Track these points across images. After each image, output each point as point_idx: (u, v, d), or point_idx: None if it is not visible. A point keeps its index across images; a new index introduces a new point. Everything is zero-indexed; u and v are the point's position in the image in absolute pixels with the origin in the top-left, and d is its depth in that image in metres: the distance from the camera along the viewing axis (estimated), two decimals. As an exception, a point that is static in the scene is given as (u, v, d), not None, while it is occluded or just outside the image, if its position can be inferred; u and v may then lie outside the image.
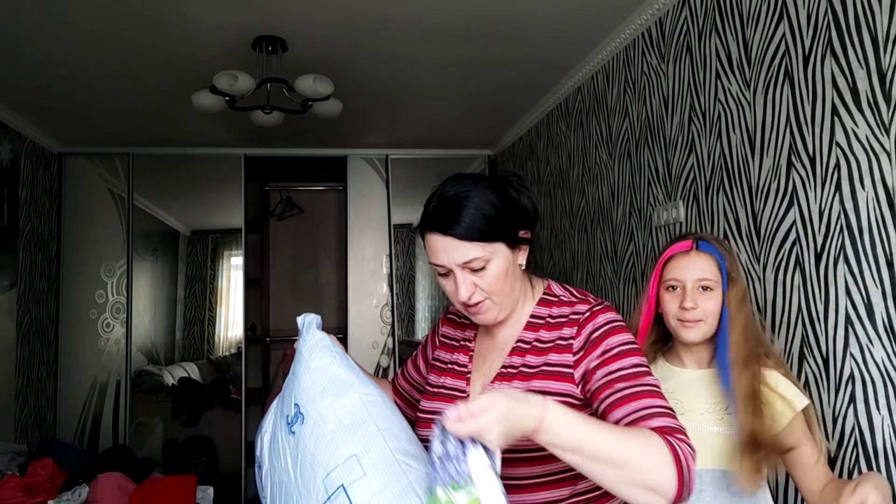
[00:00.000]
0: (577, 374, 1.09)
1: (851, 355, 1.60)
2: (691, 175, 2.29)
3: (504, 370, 1.15)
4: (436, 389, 1.25)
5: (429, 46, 2.81)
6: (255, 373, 4.82)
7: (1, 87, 3.12)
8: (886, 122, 1.50)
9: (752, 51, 1.95)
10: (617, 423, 1.01)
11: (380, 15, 2.50)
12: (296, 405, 1.07)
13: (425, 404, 1.25)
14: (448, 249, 1.10)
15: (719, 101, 2.12)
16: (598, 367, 1.08)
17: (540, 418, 0.89)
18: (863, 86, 1.56)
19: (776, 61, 1.85)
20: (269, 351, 5.00)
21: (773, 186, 1.87)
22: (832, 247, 1.65)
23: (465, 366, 1.24)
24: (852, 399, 1.60)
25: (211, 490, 2.93)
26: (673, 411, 1.03)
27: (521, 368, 1.13)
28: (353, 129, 4.03)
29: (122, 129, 3.89)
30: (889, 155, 1.49)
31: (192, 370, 4.56)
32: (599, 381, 1.06)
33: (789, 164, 1.80)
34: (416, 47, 2.82)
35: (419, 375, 1.39)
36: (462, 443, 0.87)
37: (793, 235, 1.79)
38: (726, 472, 1.35)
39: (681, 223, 2.35)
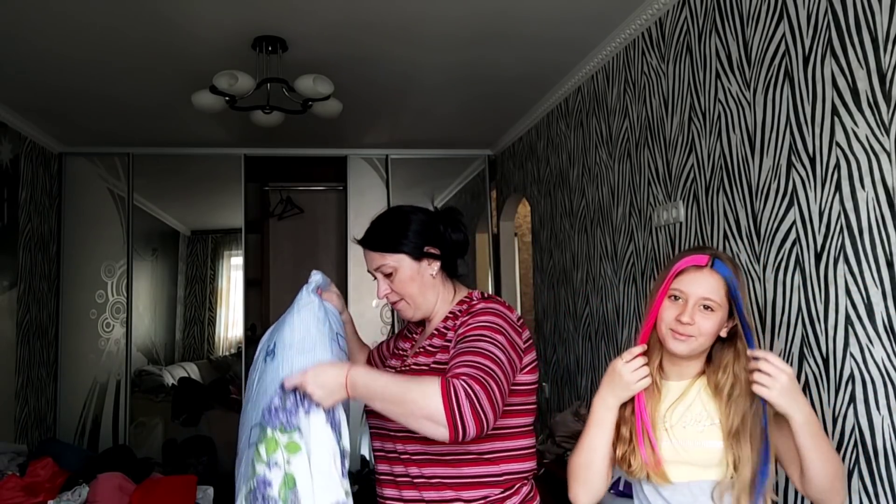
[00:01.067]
0: (454, 339, 1.34)
1: (851, 355, 1.60)
2: (691, 175, 2.29)
3: (421, 348, 1.42)
4: (385, 369, 1.53)
5: (429, 46, 2.81)
6: (255, 373, 4.81)
7: (1, 88, 3.13)
8: (886, 122, 1.50)
9: (752, 51, 1.95)
10: (449, 364, 1.26)
11: (380, 15, 2.50)
12: (274, 343, 1.36)
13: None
14: (368, 259, 1.45)
15: (719, 101, 2.12)
16: (461, 330, 1.33)
17: (344, 376, 1.19)
18: (863, 86, 1.56)
19: (776, 61, 1.85)
20: (269, 351, 4.99)
21: (773, 186, 1.87)
22: (832, 247, 1.65)
23: (406, 351, 1.51)
24: (852, 399, 1.60)
25: (211, 490, 2.93)
26: (483, 367, 1.21)
27: (427, 347, 1.40)
28: (353, 129, 4.03)
29: (122, 129, 3.89)
30: (889, 155, 1.49)
31: (192, 370, 4.56)
32: (454, 347, 1.31)
33: (789, 164, 1.80)
34: (416, 48, 2.82)
35: (387, 350, 1.65)
36: (304, 401, 1.19)
37: (793, 235, 1.79)
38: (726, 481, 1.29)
39: (681, 223, 2.35)
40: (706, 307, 1.29)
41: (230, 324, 4.67)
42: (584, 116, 3.17)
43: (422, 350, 1.41)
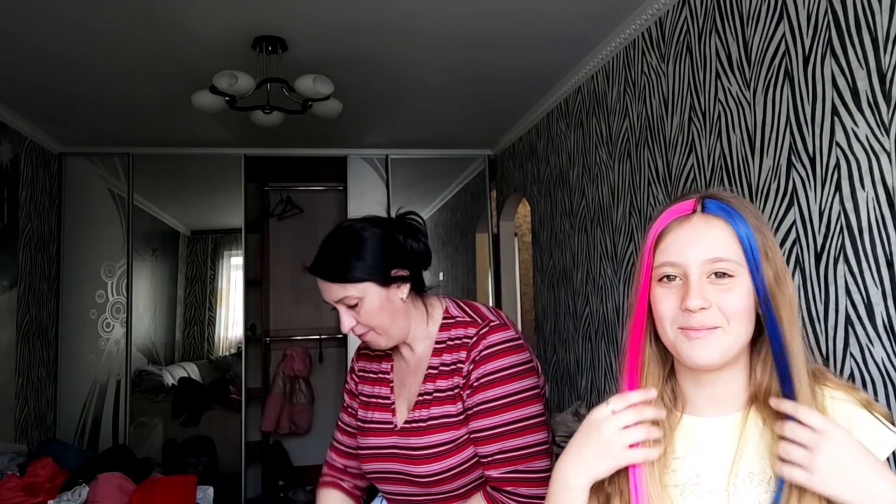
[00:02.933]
0: (465, 394, 1.23)
1: (851, 355, 1.60)
2: (691, 175, 2.29)
3: (421, 397, 1.27)
4: (367, 424, 1.35)
5: (429, 47, 2.81)
6: (255, 373, 4.82)
7: (1, 87, 3.12)
8: (886, 122, 1.50)
9: (752, 51, 1.95)
10: (481, 457, 1.21)
11: (380, 15, 2.50)
12: None
13: (362, 440, 1.35)
14: (325, 290, 1.26)
15: (719, 101, 2.12)
16: (472, 392, 1.21)
17: None
18: (863, 86, 1.56)
19: (776, 61, 1.85)
20: (269, 351, 5.00)
21: (773, 186, 1.87)
22: (832, 247, 1.65)
23: (388, 397, 1.34)
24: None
25: (211, 490, 2.93)
26: (523, 453, 1.15)
27: (435, 394, 1.25)
28: (352, 129, 4.03)
29: (122, 129, 3.89)
30: (889, 155, 1.49)
31: (192, 370, 4.56)
32: (472, 409, 1.21)
33: (789, 164, 1.80)
34: (416, 48, 2.82)
35: (355, 420, 1.42)
36: None
37: (793, 235, 1.79)
38: None
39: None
40: (719, 274, 0.83)
41: (230, 324, 4.67)
42: (584, 116, 3.17)
43: (422, 401, 1.26)
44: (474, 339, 1.24)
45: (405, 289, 1.27)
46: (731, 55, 2.05)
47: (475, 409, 1.20)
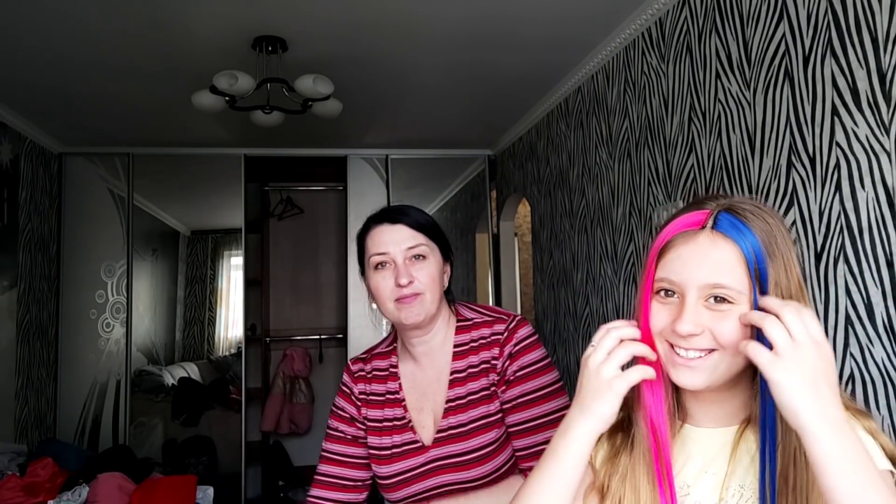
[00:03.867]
0: (501, 389, 1.22)
1: (851, 355, 1.60)
2: (691, 175, 2.29)
3: (451, 403, 1.25)
4: (390, 450, 1.28)
5: (429, 46, 2.81)
6: (255, 373, 4.82)
7: (1, 87, 3.12)
8: (886, 122, 1.50)
9: (752, 51, 1.95)
10: (518, 451, 1.22)
11: (380, 15, 2.50)
12: None
13: (387, 468, 1.28)
14: (395, 237, 1.23)
15: (719, 101, 2.12)
16: (509, 386, 1.21)
17: None
18: (863, 86, 1.56)
19: (776, 61, 1.85)
20: (269, 351, 5.00)
21: (773, 186, 1.87)
22: (832, 247, 1.65)
23: (404, 417, 1.29)
24: (852, 399, 1.60)
25: (211, 490, 2.93)
26: None
27: (469, 397, 1.24)
28: (352, 129, 4.03)
29: (122, 129, 3.89)
30: (889, 155, 1.49)
31: (192, 370, 4.56)
32: (511, 402, 1.21)
33: (789, 164, 1.80)
34: (416, 48, 2.82)
35: (356, 447, 1.36)
36: None
37: (792, 235, 1.79)
38: None
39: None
40: (718, 299, 0.78)
41: (230, 324, 4.67)
42: (584, 116, 3.17)
43: (453, 407, 1.24)
44: (505, 334, 1.24)
45: (447, 276, 1.31)
46: (731, 55, 2.05)
47: (513, 403, 1.21)
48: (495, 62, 3.00)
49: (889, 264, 1.50)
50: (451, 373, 1.26)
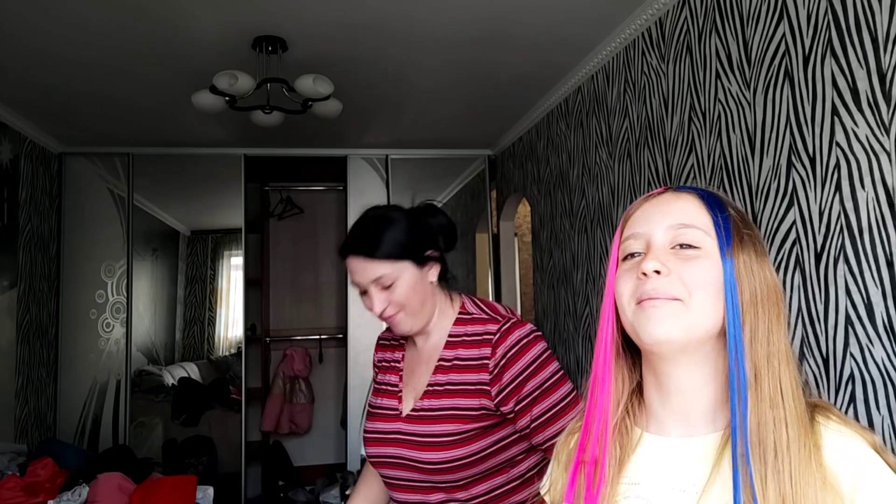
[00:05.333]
0: (494, 391, 1.23)
1: (851, 355, 1.60)
2: (691, 175, 2.29)
3: (430, 388, 1.29)
4: (374, 410, 1.38)
5: (429, 46, 2.81)
6: (255, 373, 4.82)
7: (1, 87, 3.13)
8: (886, 122, 1.50)
9: (752, 51, 1.95)
10: (538, 445, 1.24)
11: (380, 15, 2.50)
12: None
13: (368, 424, 1.40)
14: (359, 270, 1.26)
15: (719, 101, 2.12)
16: (514, 390, 1.22)
17: None
18: (863, 86, 1.56)
19: (776, 61, 1.85)
20: (269, 351, 5.00)
21: (773, 186, 1.87)
22: (832, 247, 1.65)
23: (396, 385, 1.36)
24: (852, 399, 1.60)
25: (211, 490, 2.93)
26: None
27: (447, 386, 1.26)
28: (353, 129, 4.03)
29: (122, 129, 3.89)
30: (889, 155, 1.49)
31: (192, 370, 4.56)
32: (518, 406, 1.22)
33: (789, 164, 1.80)
34: (416, 48, 2.82)
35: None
36: None
37: (793, 235, 1.79)
38: None
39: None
40: (684, 245, 0.74)
41: (230, 324, 4.67)
42: (584, 116, 3.17)
43: (431, 391, 1.28)
44: (497, 335, 1.25)
45: (436, 271, 1.31)
46: (731, 55, 2.05)
47: (518, 408, 1.23)
48: (495, 62, 3.00)
49: (889, 264, 1.50)
50: (439, 360, 1.30)
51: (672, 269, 0.72)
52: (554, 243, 3.61)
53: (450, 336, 1.31)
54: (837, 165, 1.64)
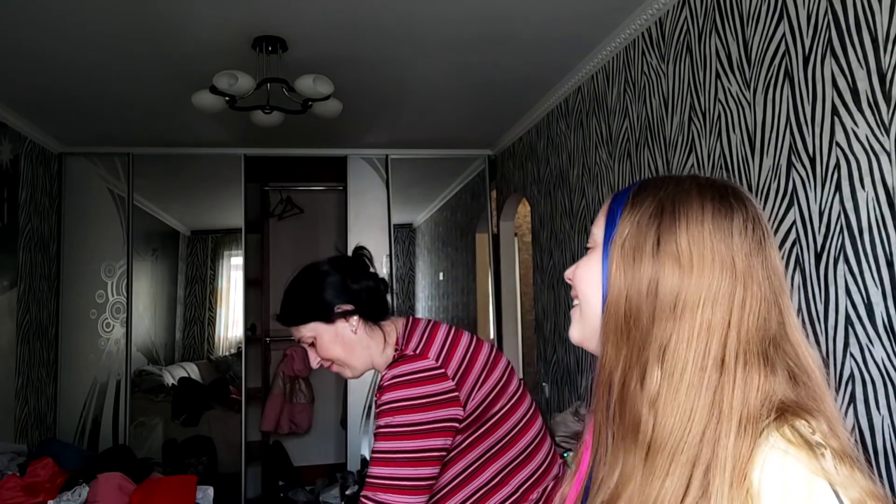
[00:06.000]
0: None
1: (851, 355, 1.60)
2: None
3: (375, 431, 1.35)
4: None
5: (430, 46, 2.81)
6: (255, 373, 4.82)
7: (1, 87, 3.12)
8: (886, 122, 1.50)
9: (752, 51, 1.95)
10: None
11: (380, 15, 2.50)
12: None
13: None
14: (292, 333, 1.40)
15: (719, 101, 2.12)
16: (376, 420, 1.26)
17: None
18: (863, 86, 1.56)
19: (776, 61, 1.85)
20: (269, 351, 5.00)
21: (773, 186, 1.87)
22: (832, 247, 1.65)
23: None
24: (852, 399, 1.60)
25: (211, 490, 2.93)
26: (391, 485, 1.17)
27: (378, 430, 1.30)
28: (353, 129, 4.03)
29: (122, 129, 3.89)
30: (889, 155, 1.49)
31: (192, 370, 4.56)
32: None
33: (789, 164, 1.80)
34: (416, 47, 2.82)
35: None
36: None
37: (793, 235, 1.79)
38: None
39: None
40: (589, 248, 0.75)
41: (230, 324, 4.67)
42: (584, 116, 3.17)
43: (377, 433, 1.33)
44: (381, 390, 1.27)
45: (353, 321, 1.37)
46: (731, 55, 2.05)
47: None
48: (495, 62, 3.00)
49: (889, 264, 1.50)
50: (377, 405, 1.33)
51: (576, 272, 0.75)
52: (554, 243, 3.61)
53: (382, 379, 1.31)
54: (837, 165, 1.64)
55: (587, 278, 0.72)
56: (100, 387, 4.12)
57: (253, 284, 4.74)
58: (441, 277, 5.19)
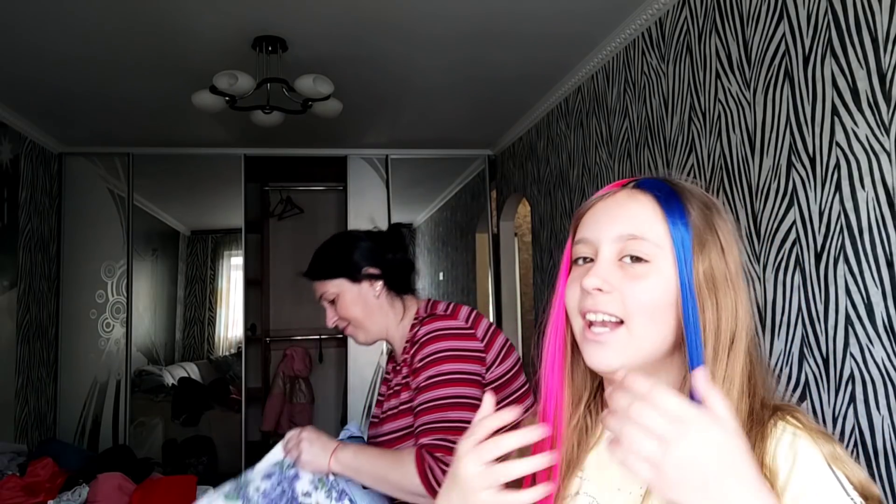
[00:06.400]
0: (410, 380, 1.33)
1: (851, 355, 1.60)
2: (691, 175, 2.29)
3: (390, 389, 1.41)
4: (372, 418, 1.50)
5: (429, 46, 2.81)
6: (255, 373, 4.82)
7: (1, 87, 3.12)
8: (886, 122, 1.50)
9: (752, 51, 1.95)
10: (414, 428, 1.28)
11: (380, 15, 2.50)
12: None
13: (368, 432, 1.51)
14: (314, 289, 1.43)
15: (719, 101, 2.12)
16: (415, 376, 1.30)
17: (332, 450, 1.24)
18: (863, 86, 1.56)
19: (776, 61, 1.85)
20: (269, 351, 5.00)
21: (773, 186, 1.87)
22: (832, 247, 1.65)
23: (384, 394, 1.46)
24: (852, 399, 1.59)
25: (211, 490, 2.93)
26: (445, 424, 1.20)
27: (394, 387, 1.38)
28: (353, 129, 4.03)
29: (122, 129, 3.89)
30: (889, 155, 1.49)
31: (192, 370, 4.57)
32: (413, 391, 1.30)
33: (789, 164, 1.80)
34: (416, 47, 2.82)
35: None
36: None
37: (793, 235, 1.79)
38: None
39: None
40: (634, 258, 0.68)
41: (230, 324, 4.67)
42: (584, 116, 3.17)
43: (393, 392, 1.40)
44: (416, 329, 1.35)
45: (377, 286, 1.40)
46: (731, 55, 2.05)
47: (415, 389, 1.29)
48: (495, 62, 3.00)
49: (889, 264, 1.50)
50: (400, 363, 1.40)
51: (615, 285, 0.67)
52: (554, 243, 3.61)
53: (406, 342, 1.40)
54: (837, 165, 1.64)
55: (651, 301, 0.66)
56: (100, 387, 4.12)
57: (253, 284, 4.74)
58: (441, 277, 5.19)
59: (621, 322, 0.67)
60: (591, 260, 0.70)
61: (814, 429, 0.65)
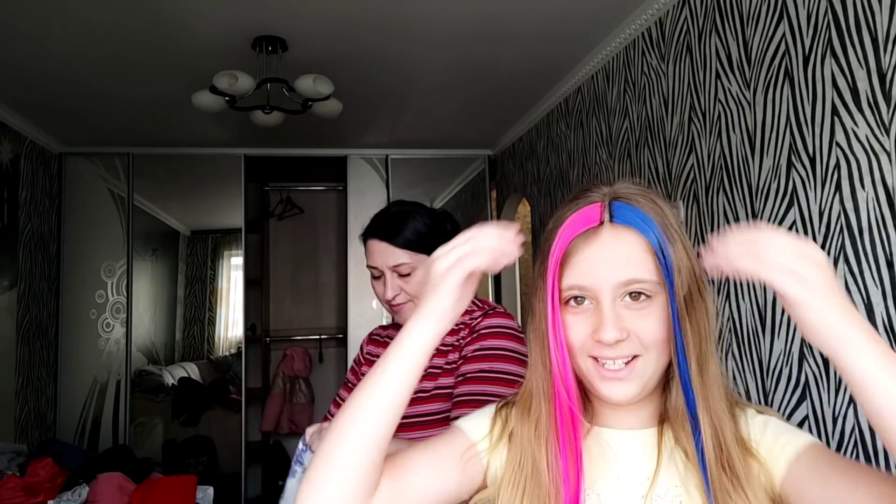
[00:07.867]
0: (456, 355, 1.28)
1: (851, 355, 1.60)
2: (691, 175, 2.29)
3: (425, 372, 1.31)
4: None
5: (429, 46, 2.81)
6: (255, 373, 4.82)
7: (1, 87, 3.12)
8: (886, 122, 1.50)
9: (752, 51, 1.95)
10: (454, 397, 1.24)
11: (380, 15, 2.51)
12: None
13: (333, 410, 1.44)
14: (384, 254, 1.32)
15: (719, 101, 2.12)
16: (467, 360, 1.25)
17: None
18: (863, 86, 1.56)
19: (776, 61, 1.85)
20: (269, 351, 5.00)
21: (773, 186, 1.87)
22: (832, 247, 1.65)
23: None
24: (852, 399, 1.59)
25: (211, 490, 2.93)
26: (483, 396, 1.16)
27: (430, 370, 1.29)
28: (353, 129, 4.03)
29: (122, 129, 3.89)
30: (889, 155, 1.49)
31: (192, 370, 4.56)
32: (457, 378, 1.25)
33: (789, 164, 1.80)
34: (416, 47, 2.82)
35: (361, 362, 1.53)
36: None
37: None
38: None
39: (681, 223, 2.35)
40: (634, 295, 0.73)
41: (230, 324, 4.67)
42: (584, 116, 3.17)
43: (428, 374, 1.31)
44: (478, 318, 1.29)
45: None
46: (731, 55, 2.05)
47: (460, 377, 1.25)
48: (495, 62, 3.01)
49: (889, 264, 1.50)
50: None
51: (628, 328, 0.72)
52: (554, 243, 3.61)
53: (458, 325, 1.33)
54: (837, 165, 1.64)
55: (661, 332, 0.73)
56: (100, 387, 4.12)
57: (253, 284, 4.74)
58: (441, 277, 5.18)
59: (635, 356, 0.73)
60: (584, 299, 0.75)
61: (763, 409, 0.79)
